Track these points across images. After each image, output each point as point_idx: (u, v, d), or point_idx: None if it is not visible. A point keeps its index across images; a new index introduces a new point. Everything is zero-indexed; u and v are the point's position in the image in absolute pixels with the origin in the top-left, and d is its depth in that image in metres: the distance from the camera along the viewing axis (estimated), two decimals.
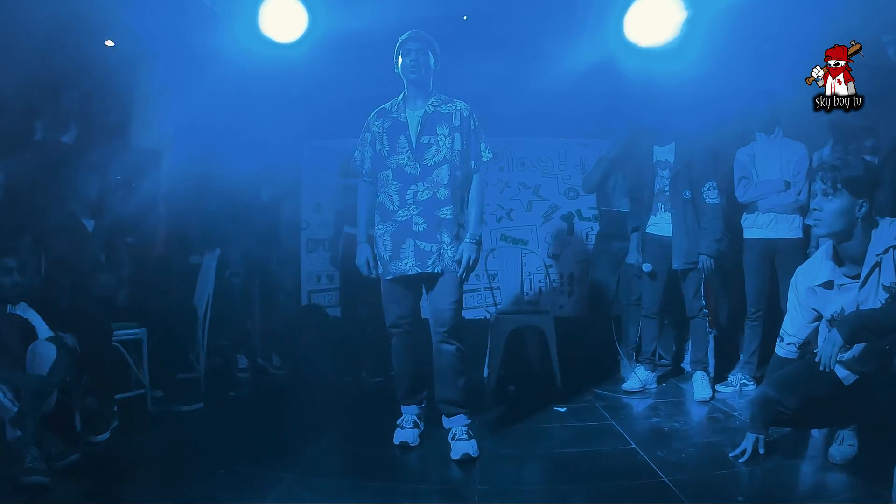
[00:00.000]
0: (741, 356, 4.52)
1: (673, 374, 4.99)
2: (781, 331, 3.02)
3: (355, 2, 4.80)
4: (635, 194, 4.66)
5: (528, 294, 5.34)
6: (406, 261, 3.21)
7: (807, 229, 4.15)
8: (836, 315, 2.68)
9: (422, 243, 3.20)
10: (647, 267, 4.47)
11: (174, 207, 5.41)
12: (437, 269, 3.21)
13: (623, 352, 4.92)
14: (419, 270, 3.20)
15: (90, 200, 4.09)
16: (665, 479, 2.73)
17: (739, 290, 4.56)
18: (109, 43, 5.30)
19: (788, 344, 2.96)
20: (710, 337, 4.73)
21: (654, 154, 4.50)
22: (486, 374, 4.83)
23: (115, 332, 3.77)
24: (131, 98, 5.57)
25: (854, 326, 2.50)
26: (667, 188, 4.40)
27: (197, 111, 4.90)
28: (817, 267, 2.84)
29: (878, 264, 2.58)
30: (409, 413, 3.40)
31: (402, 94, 3.35)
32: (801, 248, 4.26)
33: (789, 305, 2.99)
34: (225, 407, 4.34)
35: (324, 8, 4.78)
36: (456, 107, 3.31)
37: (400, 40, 3.26)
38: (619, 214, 4.98)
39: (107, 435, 3.45)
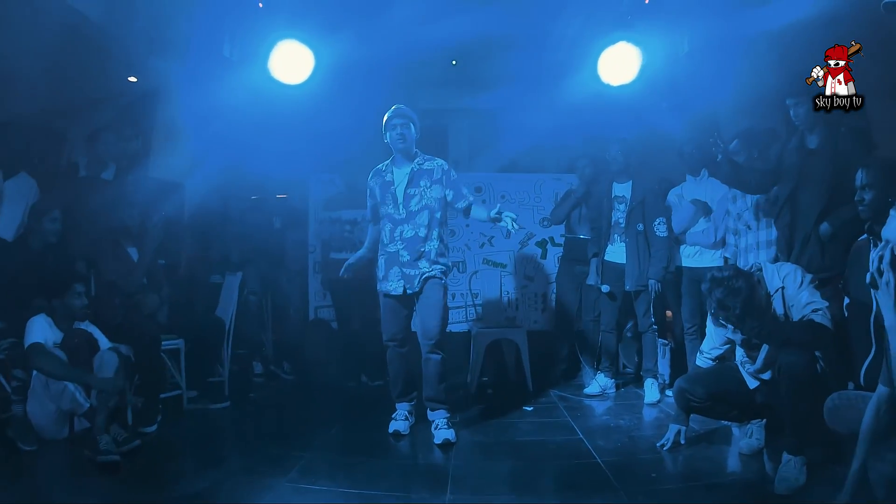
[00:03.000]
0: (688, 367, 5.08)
1: (634, 381, 5.55)
2: (700, 348, 3.75)
3: (356, 46, 5.45)
4: (595, 224, 5.26)
5: (505, 310, 5.95)
6: (392, 282, 4.03)
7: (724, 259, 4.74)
8: (744, 339, 3.26)
9: (406, 269, 4.01)
10: (605, 288, 5.12)
11: (197, 233, 6.01)
12: (417, 290, 3.99)
13: (585, 361, 5.54)
14: (399, 292, 4.00)
15: (133, 231, 4.79)
16: (598, 460, 3.46)
17: None
18: (132, 79, 5.91)
19: (706, 358, 3.69)
20: (667, 349, 5.36)
21: (612, 190, 5.12)
22: (468, 379, 5.44)
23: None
24: (153, 133, 6.15)
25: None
26: (622, 221, 5.03)
27: (214, 148, 5.49)
28: None
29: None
30: (402, 408, 4.15)
31: (391, 157, 4.16)
32: None
33: (707, 330, 3.70)
34: (247, 406, 5.02)
35: (328, 52, 5.32)
36: (436, 163, 4.12)
37: (386, 118, 4.05)
38: (580, 241, 5.48)
39: (155, 427, 4.14)
